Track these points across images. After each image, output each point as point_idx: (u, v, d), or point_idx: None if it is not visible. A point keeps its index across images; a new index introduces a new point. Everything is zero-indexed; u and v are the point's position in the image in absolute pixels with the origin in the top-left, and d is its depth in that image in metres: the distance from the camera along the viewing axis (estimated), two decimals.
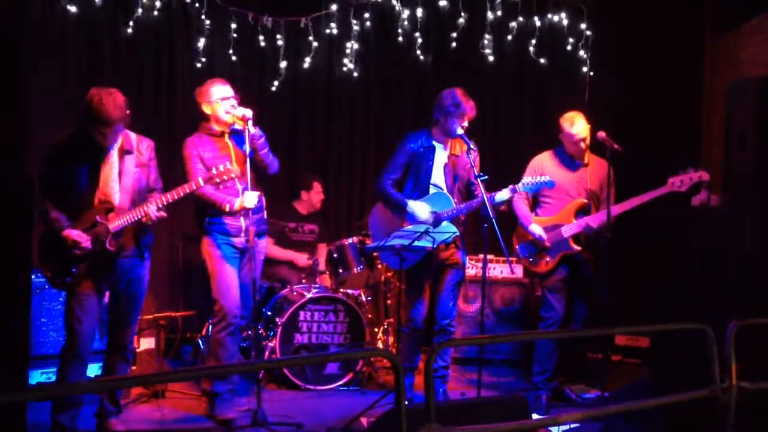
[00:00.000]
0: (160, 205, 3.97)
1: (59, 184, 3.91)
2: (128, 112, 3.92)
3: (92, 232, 3.89)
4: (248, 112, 4.36)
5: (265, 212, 4.69)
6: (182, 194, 4.04)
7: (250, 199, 4.30)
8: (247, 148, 4.33)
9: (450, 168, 4.74)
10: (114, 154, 4.00)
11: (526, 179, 4.66)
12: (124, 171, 4.00)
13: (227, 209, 4.36)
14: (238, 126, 4.45)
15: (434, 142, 4.74)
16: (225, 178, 4.10)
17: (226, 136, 4.52)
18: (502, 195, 4.53)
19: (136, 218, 3.93)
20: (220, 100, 4.47)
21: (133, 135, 4.11)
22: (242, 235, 4.47)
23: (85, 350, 3.98)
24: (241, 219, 4.46)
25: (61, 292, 4.40)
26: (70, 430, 3.98)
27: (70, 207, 3.91)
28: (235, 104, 4.47)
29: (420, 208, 4.65)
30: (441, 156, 4.75)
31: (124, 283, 4.07)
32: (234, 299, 4.46)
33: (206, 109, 4.53)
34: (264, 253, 4.74)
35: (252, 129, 4.35)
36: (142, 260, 4.13)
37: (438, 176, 4.73)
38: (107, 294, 4.12)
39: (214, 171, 4.10)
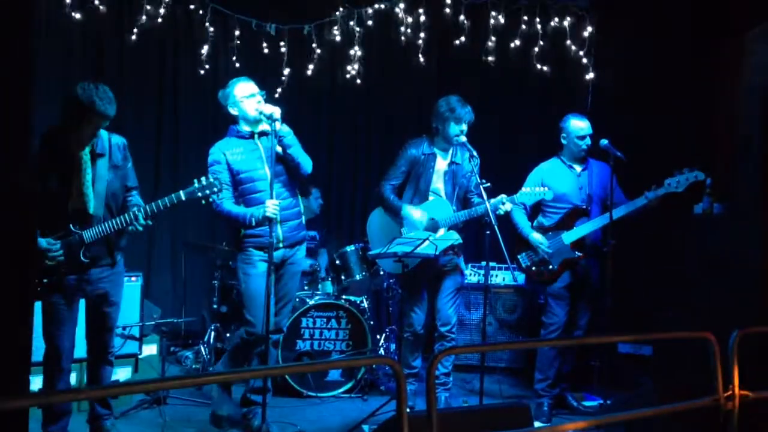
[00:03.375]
0: (149, 213, 3.81)
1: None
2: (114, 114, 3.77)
3: (65, 242, 3.75)
4: (276, 111, 4.15)
5: (303, 217, 4.51)
6: (164, 207, 3.82)
7: (271, 208, 4.09)
8: (277, 146, 4.15)
9: (450, 176, 4.76)
10: (87, 158, 3.80)
11: (523, 190, 4.65)
12: (96, 176, 3.81)
13: (254, 224, 4.19)
14: (263, 123, 4.26)
15: (435, 150, 4.77)
16: (207, 193, 3.90)
17: (256, 136, 4.33)
18: (497, 202, 4.50)
19: (112, 229, 3.79)
20: (245, 99, 4.28)
21: (104, 134, 3.89)
22: (281, 245, 4.31)
23: (67, 363, 3.88)
24: (278, 227, 4.27)
25: None
26: None
27: (41, 214, 3.71)
28: (262, 101, 4.28)
29: (414, 213, 4.68)
30: (441, 163, 4.78)
31: (98, 291, 3.92)
32: (259, 318, 4.26)
33: (232, 111, 4.33)
34: (302, 265, 4.57)
35: (278, 127, 4.13)
36: (115, 266, 3.96)
37: (438, 183, 4.76)
38: (84, 301, 3.97)
39: (195, 183, 3.91)
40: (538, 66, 6.52)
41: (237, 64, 6.31)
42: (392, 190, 4.82)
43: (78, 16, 5.89)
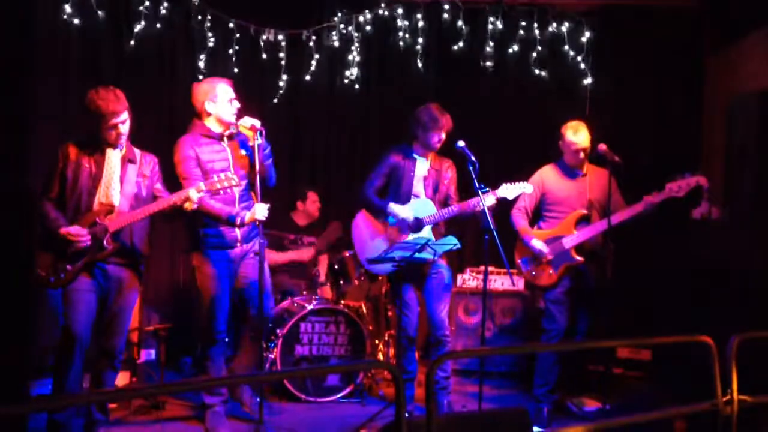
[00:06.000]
0: (204, 190, 4.01)
1: (62, 186, 4.02)
2: (127, 105, 4.06)
3: (91, 232, 3.98)
4: (257, 122, 4.28)
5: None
6: (183, 197, 4.03)
7: (261, 211, 4.22)
8: (257, 159, 4.23)
9: (430, 180, 4.83)
10: (117, 159, 4.10)
11: (504, 185, 4.67)
12: (125, 178, 4.10)
13: (239, 223, 4.28)
14: (241, 131, 4.38)
15: (415, 155, 4.84)
16: (226, 185, 4.06)
17: (225, 139, 4.41)
18: (488, 200, 4.53)
19: (135, 219, 4.02)
20: (228, 102, 4.35)
21: (137, 149, 4.22)
22: (238, 245, 4.43)
23: (80, 350, 3.99)
24: (237, 229, 4.39)
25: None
26: (66, 428, 4.02)
27: (70, 207, 4.02)
28: (239, 105, 4.38)
29: (400, 209, 4.74)
30: (421, 168, 4.86)
31: (116, 290, 4.12)
32: (221, 317, 4.42)
33: (209, 108, 4.35)
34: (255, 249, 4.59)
35: (260, 140, 4.25)
36: (136, 269, 4.20)
37: (418, 187, 4.84)
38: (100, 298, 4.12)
39: (215, 178, 4.07)
40: (536, 71, 6.54)
41: (236, 69, 6.32)
42: (373, 192, 4.87)
43: (76, 21, 5.90)
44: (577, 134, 4.84)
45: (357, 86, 6.57)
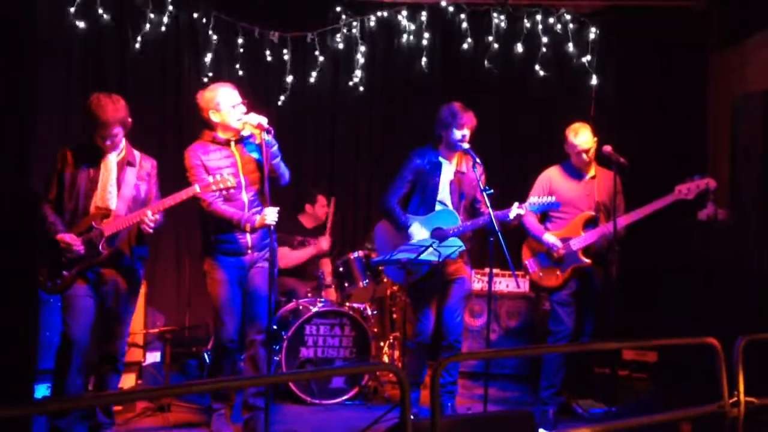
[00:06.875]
0: (157, 210, 3.97)
1: (60, 188, 4.01)
2: (129, 119, 4.03)
3: (86, 237, 3.94)
4: (263, 120, 4.16)
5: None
6: (179, 200, 4.01)
7: (272, 215, 4.14)
8: (265, 157, 4.12)
9: (456, 185, 4.74)
10: (114, 162, 4.06)
11: (533, 199, 4.63)
12: (123, 181, 4.07)
13: (248, 229, 4.20)
14: (247, 132, 4.30)
15: (441, 159, 4.74)
16: (221, 186, 4.01)
17: (232, 143, 4.33)
18: (514, 212, 4.51)
19: (132, 223, 3.98)
20: (232, 108, 4.26)
21: (137, 152, 4.20)
22: (249, 251, 4.35)
23: (78, 356, 3.96)
24: (248, 235, 4.31)
25: None
26: None
27: (67, 211, 4.00)
28: (245, 110, 4.28)
29: (419, 232, 4.65)
30: (447, 173, 4.75)
31: (114, 293, 4.08)
32: (231, 324, 4.35)
33: (214, 117, 4.27)
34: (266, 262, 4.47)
35: (266, 137, 4.14)
36: (134, 272, 4.16)
37: (444, 193, 4.73)
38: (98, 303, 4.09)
39: (211, 179, 4.02)
40: (541, 72, 6.53)
41: (240, 72, 6.33)
42: (398, 202, 4.77)
43: (81, 24, 5.92)
44: (579, 136, 4.82)
45: (361, 88, 6.57)
